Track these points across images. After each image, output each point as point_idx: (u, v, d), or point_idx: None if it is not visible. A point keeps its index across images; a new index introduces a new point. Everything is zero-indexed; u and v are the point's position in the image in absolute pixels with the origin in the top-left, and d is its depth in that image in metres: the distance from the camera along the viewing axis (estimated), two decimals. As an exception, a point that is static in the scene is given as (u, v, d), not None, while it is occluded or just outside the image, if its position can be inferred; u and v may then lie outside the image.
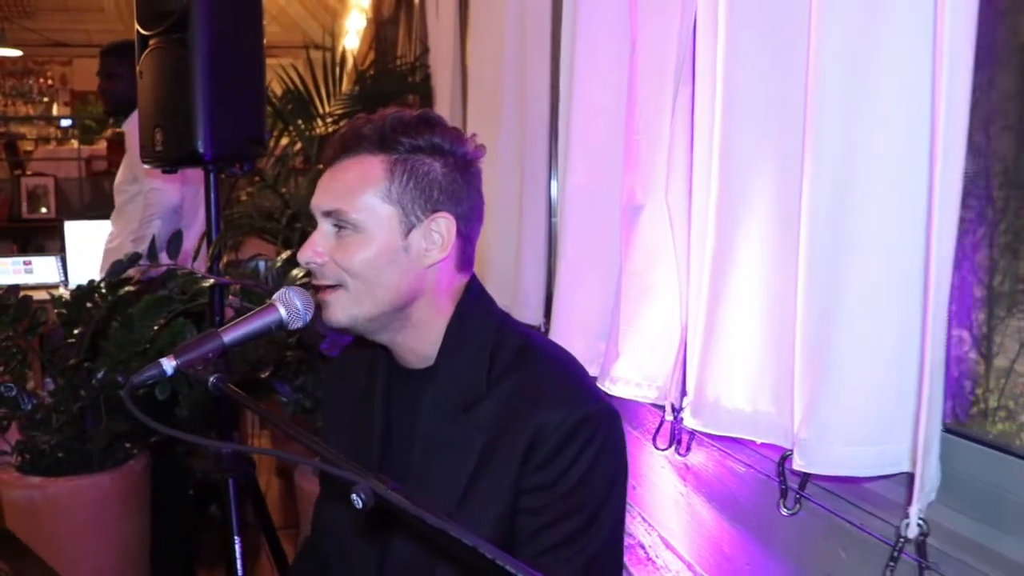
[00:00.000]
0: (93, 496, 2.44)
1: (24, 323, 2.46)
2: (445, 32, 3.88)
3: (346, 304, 1.13)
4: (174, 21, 2.11)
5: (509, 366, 1.15)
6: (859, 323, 1.05)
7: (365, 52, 7.19)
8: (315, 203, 1.14)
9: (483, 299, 1.21)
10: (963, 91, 0.92)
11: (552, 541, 1.09)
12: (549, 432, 1.08)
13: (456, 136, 1.15)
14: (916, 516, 0.95)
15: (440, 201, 1.12)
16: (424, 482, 1.16)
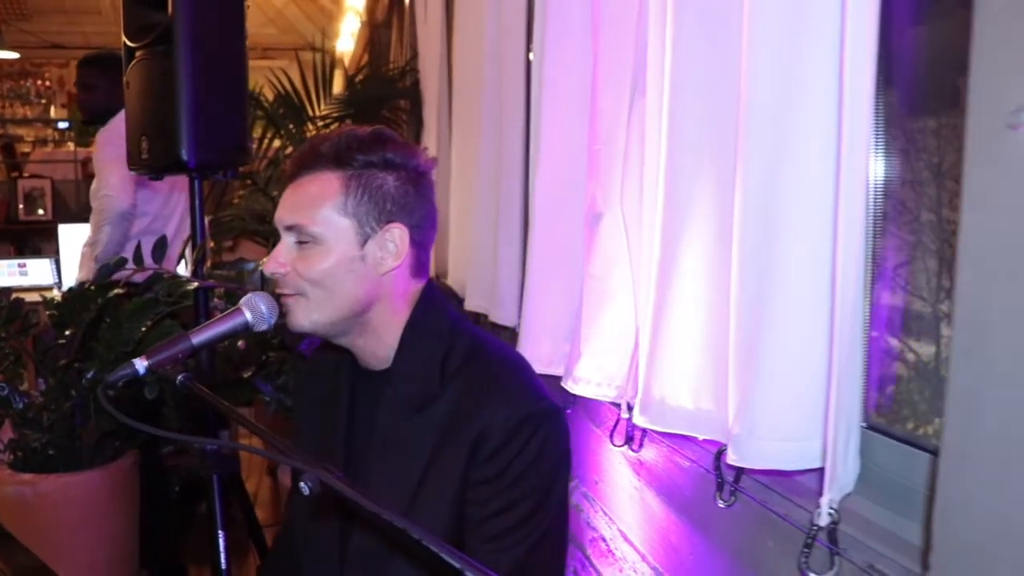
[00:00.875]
0: (83, 492, 2.51)
1: (16, 324, 2.54)
2: (432, 37, 3.95)
3: (307, 310, 1.21)
4: (159, 34, 2.19)
5: (459, 367, 1.23)
6: (783, 328, 1.13)
7: (360, 55, 7.26)
8: (278, 218, 1.22)
9: (437, 304, 1.29)
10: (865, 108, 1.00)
11: (496, 530, 1.17)
12: (494, 429, 1.16)
13: (408, 150, 1.23)
14: (827, 506, 1.03)
15: (393, 212, 1.20)
16: (383, 477, 1.25)
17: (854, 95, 1.00)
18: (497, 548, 1.17)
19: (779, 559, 1.15)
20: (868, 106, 1.01)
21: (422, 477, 1.20)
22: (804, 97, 1.10)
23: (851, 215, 1.02)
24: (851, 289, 1.04)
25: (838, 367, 1.03)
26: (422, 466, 1.21)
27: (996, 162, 0.77)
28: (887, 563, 0.98)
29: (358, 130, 1.23)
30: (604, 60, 1.73)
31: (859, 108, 1.00)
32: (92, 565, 2.50)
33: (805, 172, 1.09)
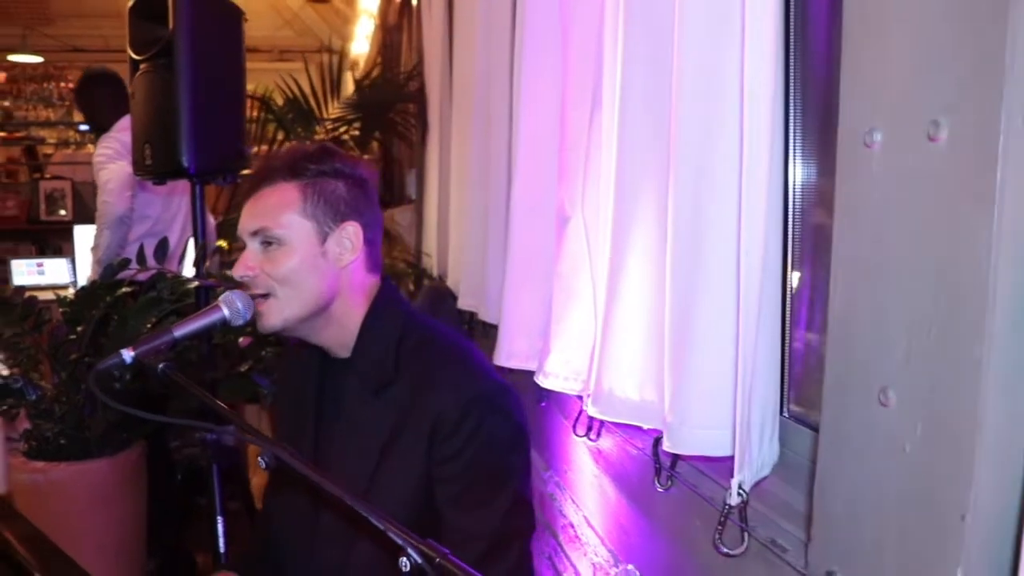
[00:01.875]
0: (92, 480, 2.65)
1: (30, 321, 2.68)
2: (435, 42, 4.05)
3: (277, 310, 1.34)
4: (161, 47, 2.32)
5: (413, 353, 1.36)
6: (707, 325, 1.23)
7: (373, 58, 7.38)
8: (243, 227, 1.35)
9: (393, 297, 1.43)
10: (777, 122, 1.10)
11: (469, 503, 1.30)
12: (448, 411, 1.29)
13: (352, 161, 1.40)
14: (736, 487, 1.13)
15: (347, 213, 1.35)
16: (347, 456, 1.37)
17: (768, 113, 1.10)
18: (474, 519, 1.29)
19: (703, 537, 1.25)
20: (779, 120, 1.11)
21: (381, 456, 1.33)
22: (724, 113, 1.20)
23: (769, 220, 1.12)
24: (769, 290, 1.14)
25: (750, 362, 1.12)
26: (381, 445, 1.33)
27: (857, 174, 0.87)
28: (788, 538, 1.07)
29: (305, 146, 1.40)
30: (571, 73, 1.83)
31: (773, 122, 1.10)
32: (101, 550, 2.62)
33: (725, 184, 1.19)
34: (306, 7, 10.49)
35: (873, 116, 0.84)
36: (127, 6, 2.48)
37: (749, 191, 1.09)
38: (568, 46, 1.85)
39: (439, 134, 3.92)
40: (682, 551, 1.36)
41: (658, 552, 1.45)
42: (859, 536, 0.87)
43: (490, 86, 2.75)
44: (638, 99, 1.47)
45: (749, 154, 1.08)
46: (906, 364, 0.80)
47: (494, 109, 2.69)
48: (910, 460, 0.80)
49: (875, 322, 0.85)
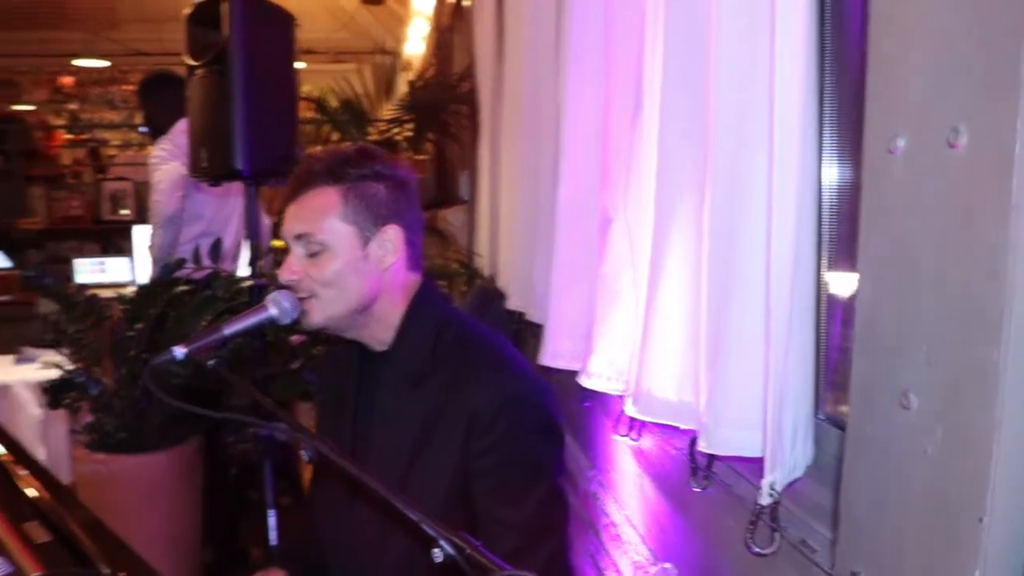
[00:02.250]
0: (150, 472, 2.74)
1: (92, 318, 2.78)
2: (486, 45, 4.08)
3: (320, 309, 1.39)
4: (216, 53, 2.39)
5: (450, 350, 1.40)
6: (740, 325, 1.24)
7: (427, 59, 7.45)
8: (287, 230, 1.39)
9: (432, 296, 1.47)
10: (798, 121, 1.11)
11: (507, 495, 1.32)
12: (483, 407, 1.32)
13: (391, 163, 1.42)
14: (767, 488, 1.14)
15: (388, 216, 1.38)
16: (383, 448, 1.42)
17: (798, 114, 1.11)
18: (509, 512, 1.32)
19: (737, 537, 1.26)
20: (811, 122, 1.12)
21: (415, 449, 1.36)
22: (756, 116, 1.21)
23: (800, 222, 1.13)
24: (801, 292, 1.15)
25: (780, 363, 1.13)
26: (415, 438, 1.37)
27: (881, 179, 0.88)
28: (818, 538, 1.09)
29: (345, 149, 1.42)
30: (613, 76, 1.85)
31: (805, 124, 1.11)
32: (156, 541, 2.71)
33: (757, 186, 1.20)
34: (361, 9, 10.59)
35: (897, 123, 0.85)
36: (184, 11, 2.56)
37: (779, 193, 1.11)
38: (611, 49, 1.87)
39: (490, 136, 3.95)
40: (716, 550, 1.37)
41: (694, 551, 1.47)
42: (882, 537, 0.88)
43: (537, 88, 2.77)
44: (677, 102, 1.48)
45: (779, 157, 1.10)
46: (927, 368, 0.81)
47: (542, 111, 2.72)
48: (931, 463, 0.81)
49: (897, 326, 0.86)
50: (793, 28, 1.08)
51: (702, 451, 1.33)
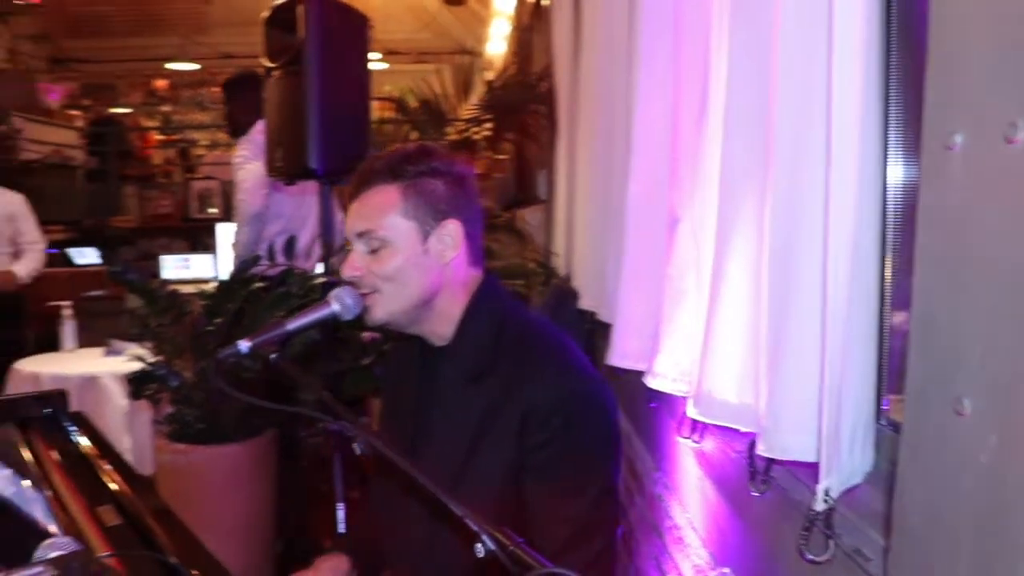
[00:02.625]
0: (226, 463, 2.82)
1: (173, 312, 2.88)
2: (563, 44, 4.08)
3: (382, 304, 1.41)
4: (292, 55, 2.45)
5: (510, 345, 1.41)
6: (799, 327, 1.22)
7: (508, 59, 7.50)
8: (349, 228, 1.42)
9: (494, 291, 1.48)
10: (856, 119, 1.08)
11: (558, 491, 1.33)
12: (540, 402, 1.33)
13: (449, 159, 1.44)
14: (822, 494, 1.11)
15: (447, 211, 1.40)
16: (441, 443, 1.44)
17: (857, 113, 1.08)
18: (559, 507, 1.33)
19: (792, 543, 1.23)
20: (873, 120, 1.09)
21: (473, 443, 1.38)
22: (815, 115, 1.19)
23: (860, 223, 1.10)
24: (861, 295, 1.12)
25: (837, 367, 1.11)
26: (473, 433, 1.38)
27: (938, 177, 0.85)
28: (874, 547, 1.06)
29: (405, 147, 1.45)
30: (682, 76, 1.83)
31: (864, 123, 1.09)
32: (231, 530, 2.80)
33: (816, 188, 1.18)
34: (443, 10, 10.72)
35: (954, 119, 0.82)
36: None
37: (836, 193, 1.08)
38: (680, 48, 1.85)
39: (567, 135, 3.95)
40: (772, 556, 1.34)
41: (750, 556, 1.44)
42: (935, 548, 0.85)
43: (611, 87, 2.76)
44: (740, 102, 1.46)
45: (836, 157, 1.07)
46: (981, 373, 0.78)
47: (615, 110, 2.70)
48: (985, 472, 0.77)
49: (952, 329, 0.83)
50: (851, 27, 1.06)
51: (761, 455, 1.31)
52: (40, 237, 4.84)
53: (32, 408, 2.03)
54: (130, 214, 7.78)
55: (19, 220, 4.71)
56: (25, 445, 1.75)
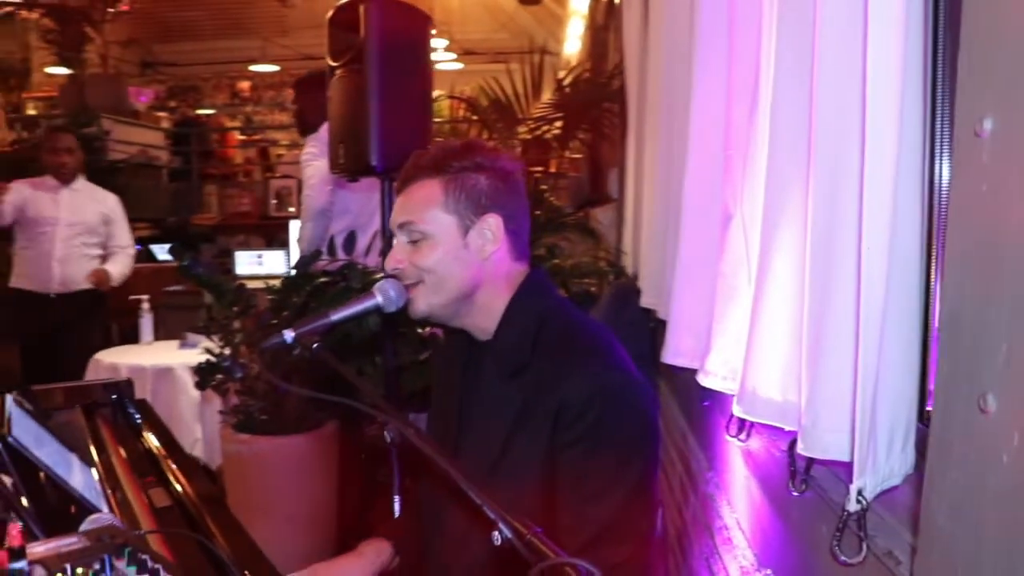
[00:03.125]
0: (288, 454, 2.89)
1: (240, 306, 2.95)
2: (633, 41, 4.06)
3: (424, 297, 1.43)
4: (354, 54, 2.49)
5: (550, 341, 1.40)
6: (838, 324, 1.19)
7: (583, 57, 7.48)
8: (392, 220, 1.45)
9: (537, 286, 1.47)
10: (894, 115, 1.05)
11: (586, 491, 1.31)
12: (573, 397, 1.32)
13: (494, 154, 1.44)
14: (855, 494, 1.09)
15: (488, 205, 1.40)
16: (480, 435, 1.45)
17: (895, 108, 1.05)
18: (588, 508, 1.31)
19: (828, 545, 1.21)
20: (913, 115, 1.06)
21: (508, 437, 1.38)
22: (853, 110, 1.16)
23: (899, 218, 1.07)
24: (901, 292, 1.09)
25: (872, 365, 1.08)
26: (509, 427, 1.38)
27: (968, 165, 0.82)
28: (906, 549, 1.03)
29: (450, 142, 1.46)
30: (735, 70, 1.81)
31: (902, 117, 1.05)
32: (293, 517, 2.86)
33: (855, 182, 1.15)
34: (520, 10, 10.75)
35: (984, 103, 0.79)
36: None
37: (871, 188, 1.05)
38: (734, 41, 1.83)
39: (635, 132, 3.93)
40: (809, 557, 1.31)
41: (790, 557, 1.41)
42: (960, 549, 0.83)
43: (672, 81, 2.73)
44: (787, 97, 1.43)
45: (872, 151, 1.04)
46: (1006, 369, 0.75)
47: (675, 106, 2.68)
48: (1007, 471, 0.75)
49: (978, 323, 0.80)
50: (888, 19, 1.03)
51: (800, 453, 1.28)
52: (131, 241, 5.00)
53: (100, 394, 2.11)
54: (211, 212, 8.01)
55: (114, 224, 4.87)
56: (88, 427, 1.82)
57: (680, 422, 2.69)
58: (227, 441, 2.95)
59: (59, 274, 4.66)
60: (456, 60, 10.94)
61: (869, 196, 1.06)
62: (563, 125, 5.19)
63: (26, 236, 4.69)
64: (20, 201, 4.62)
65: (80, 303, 4.71)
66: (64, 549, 0.85)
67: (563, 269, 4.30)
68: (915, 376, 1.16)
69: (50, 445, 1.32)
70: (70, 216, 4.70)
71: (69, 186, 4.75)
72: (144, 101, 10.21)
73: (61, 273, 4.66)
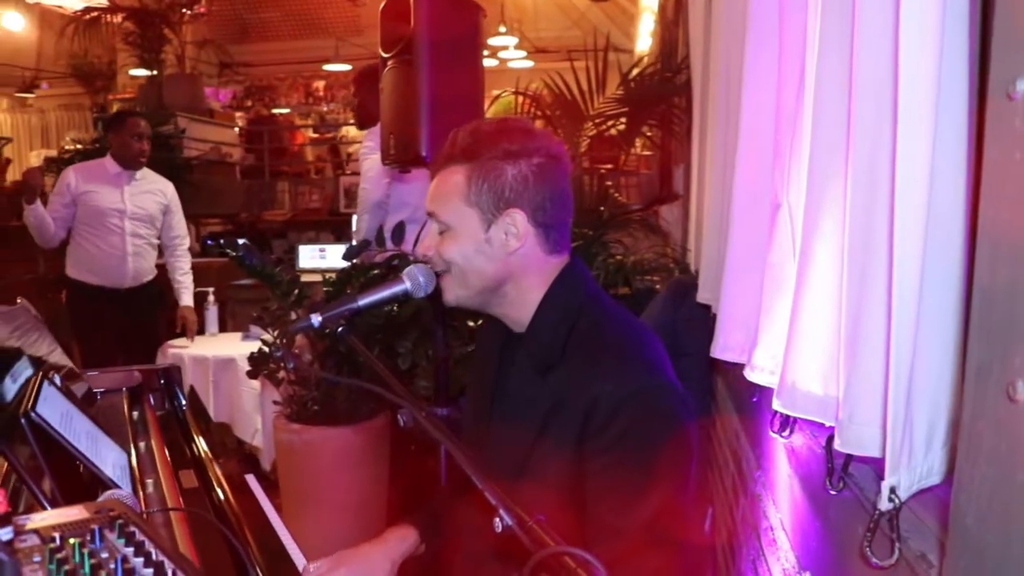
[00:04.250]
0: (338, 445, 2.90)
1: (293, 297, 2.97)
2: (698, 35, 3.99)
3: (450, 287, 1.41)
4: (404, 45, 2.48)
5: (581, 339, 1.34)
6: (875, 315, 1.12)
7: (654, 53, 7.40)
8: (426, 206, 1.43)
9: (575, 279, 1.41)
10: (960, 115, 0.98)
11: (616, 501, 1.25)
12: (602, 402, 1.25)
13: (527, 139, 1.37)
14: (887, 491, 1.02)
15: (511, 200, 1.34)
16: (508, 428, 1.40)
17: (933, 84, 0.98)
18: (615, 519, 1.25)
19: (861, 545, 1.14)
20: (958, 99, 0.99)
21: (536, 437, 1.33)
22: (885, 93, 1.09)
23: (935, 205, 1.00)
24: (940, 283, 1.02)
25: (906, 357, 1.01)
26: (537, 426, 1.33)
27: (1000, 132, 0.76)
28: (939, 552, 0.96)
29: (486, 124, 1.39)
30: (785, 52, 1.74)
31: (937, 101, 0.98)
32: (343, 506, 2.87)
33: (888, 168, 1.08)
34: (592, 7, 10.69)
35: (1018, 62, 0.73)
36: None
37: (905, 172, 0.98)
38: (784, 18, 1.76)
39: (699, 127, 3.85)
40: (843, 559, 1.24)
41: (827, 559, 1.34)
42: (988, 550, 0.76)
43: (729, 71, 2.66)
44: (828, 76, 1.36)
45: (904, 134, 0.98)
46: (1036, 353, 0.69)
47: (730, 96, 2.61)
48: (1035, 464, 0.68)
49: (1009, 304, 0.73)
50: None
51: (837, 450, 1.22)
52: (186, 231, 4.84)
53: (150, 379, 2.14)
54: (283, 208, 8.15)
55: (172, 213, 4.69)
56: (131, 410, 1.84)
57: (734, 421, 2.61)
58: (280, 431, 2.97)
59: (132, 269, 4.50)
60: (526, 58, 10.93)
61: (903, 181, 0.99)
62: (628, 120, 5.13)
63: (91, 228, 4.45)
64: (77, 194, 4.42)
65: (149, 293, 4.63)
66: (59, 520, 0.85)
67: (625, 266, 4.25)
68: (949, 375, 1.08)
69: (80, 424, 1.34)
70: (134, 207, 4.51)
71: (133, 174, 4.53)
72: (223, 101, 10.46)
73: (134, 268, 4.51)
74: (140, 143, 4.46)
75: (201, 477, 1.51)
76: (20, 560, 0.75)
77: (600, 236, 4.47)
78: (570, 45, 10.71)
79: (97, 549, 0.79)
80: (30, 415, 1.15)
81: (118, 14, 8.72)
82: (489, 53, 11.04)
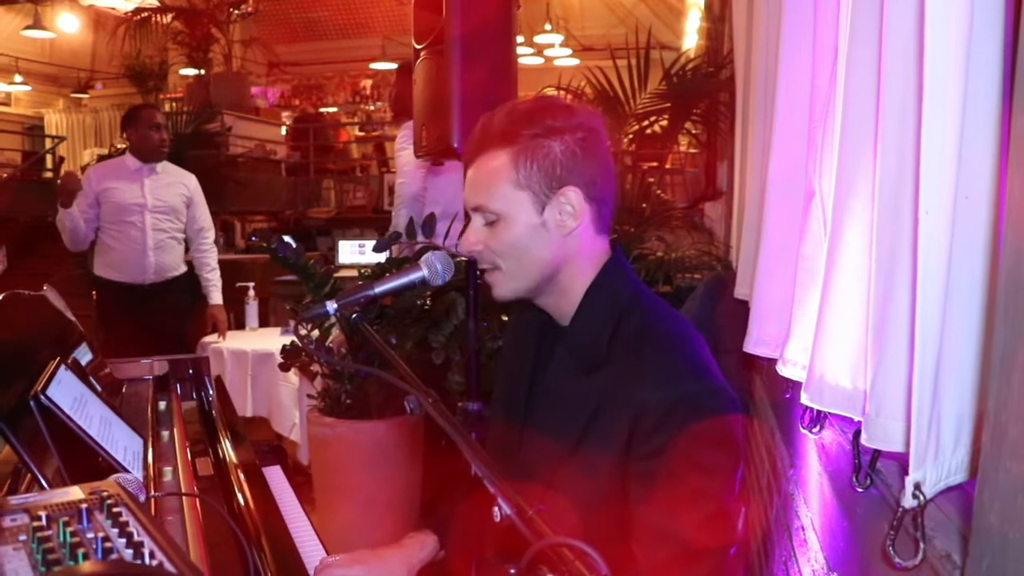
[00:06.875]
0: (369, 438, 2.89)
1: (329, 290, 2.97)
2: (741, 29, 3.93)
3: (504, 282, 1.34)
4: (436, 35, 2.46)
5: (628, 336, 1.28)
6: (901, 307, 1.08)
7: (700, 49, 7.32)
8: (464, 199, 1.36)
9: (620, 270, 1.36)
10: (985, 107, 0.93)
11: (657, 507, 1.20)
12: (651, 407, 1.20)
13: (568, 113, 1.29)
14: (911, 487, 0.97)
15: (563, 177, 1.27)
16: (546, 426, 1.34)
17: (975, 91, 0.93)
18: (663, 524, 1.20)
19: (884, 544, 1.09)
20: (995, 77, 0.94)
21: (580, 437, 1.27)
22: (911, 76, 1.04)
23: (962, 196, 0.95)
24: (967, 275, 0.97)
25: (932, 350, 0.96)
26: (582, 426, 1.27)
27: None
28: (964, 552, 0.91)
29: (520, 104, 1.32)
30: (819, 38, 1.69)
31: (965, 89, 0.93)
32: (374, 500, 2.86)
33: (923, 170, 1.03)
34: (639, 4, 10.61)
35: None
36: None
37: (931, 160, 0.94)
38: (818, 10, 1.71)
39: (742, 122, 3.79)
40: (868, 559, 1.19)
41: (853, 559, 1.29)
42: (1012, 549, 0.71)
43: (768, 64, 2.61)
44: (861, 67, 1.31)
45: (931, 121, 0.93)
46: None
47: (768, 87, 2.55)
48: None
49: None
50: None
51: (864, 445, 1.17)
52: (211, 224, 4.75)
53: (178, 369, 2.15)
54: (329, 206, 8.22)
55: (195, 205, 4.60)
56: (158, 398, 1.85)
57: (769, 418, 2.56)
58: (313, 424, 2.98)
59: (154, 263, 4.43)
60: (572, 56, 10.88)
61: (929, 167, 0.94)
62: (670, 117, 5.07)
63: (114, 225, 4.42)
64: (98, 191, 4.39)
65: (176, 289, 4.56)
66: (51, 500, 0.84)
67: (667, 262, 4.21)
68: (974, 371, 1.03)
69: (95, 408, 1.34)
70: (155, 200, 4.43)
71: (154, 167, 4.46)
72: (271, 100, 10.58)
73: (156, 263, 4.43)
74: (159, 133, 4.43)
75: (218, 466, 1.50)
76: (6, 538, 0.74)
77: (641, 233, 4.43)
78: (616, 43, 10.65)
79: (83, 529, 0.78)
80: (39, 397, 1.15)
81: (167, 14, 8.87)
82: (535, 51, 11.01)
